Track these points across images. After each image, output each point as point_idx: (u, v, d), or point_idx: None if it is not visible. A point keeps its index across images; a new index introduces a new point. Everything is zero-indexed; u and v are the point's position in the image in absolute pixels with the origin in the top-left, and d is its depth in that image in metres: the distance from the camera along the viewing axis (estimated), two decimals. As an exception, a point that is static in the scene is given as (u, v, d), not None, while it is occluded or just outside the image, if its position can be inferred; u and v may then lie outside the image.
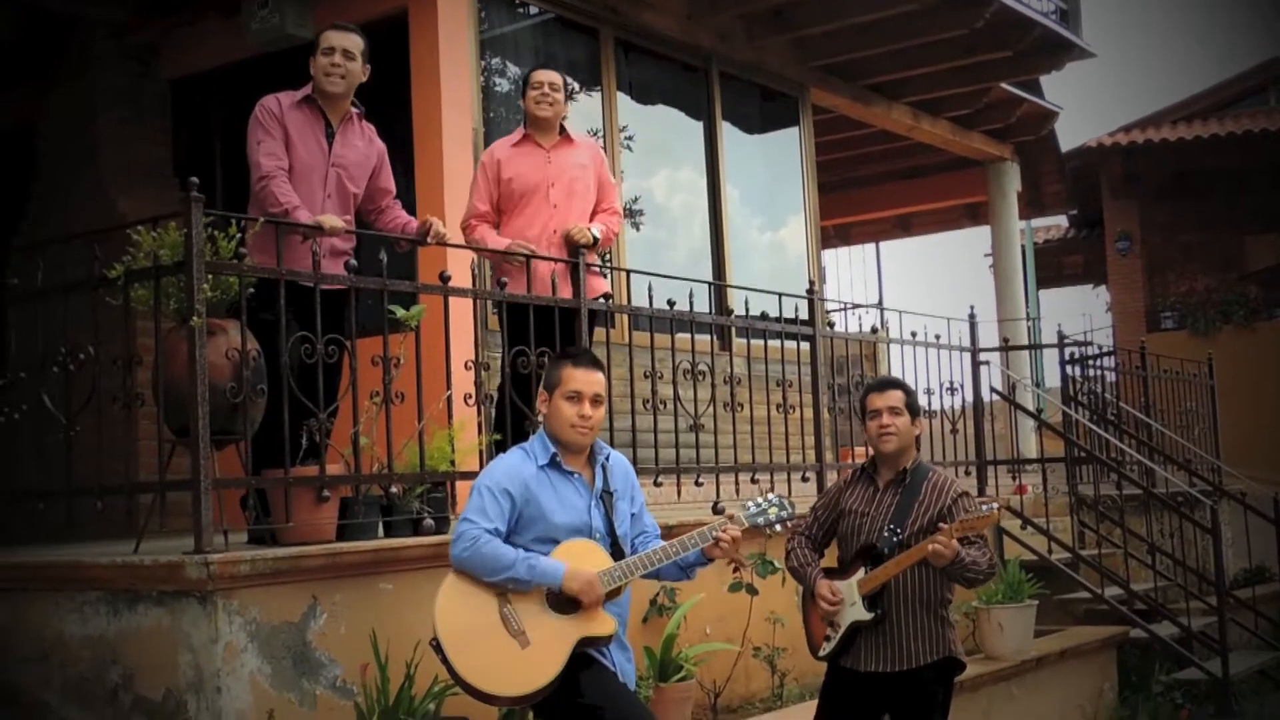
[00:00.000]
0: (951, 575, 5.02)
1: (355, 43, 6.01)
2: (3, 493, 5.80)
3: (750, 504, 4.71)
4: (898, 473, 5.16)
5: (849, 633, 5.04)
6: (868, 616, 5.00)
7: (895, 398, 5.19)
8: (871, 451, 5.28)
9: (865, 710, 5.14)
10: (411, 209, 7.15)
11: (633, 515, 4.67)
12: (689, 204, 10.57)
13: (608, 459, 4.64)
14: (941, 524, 4.96)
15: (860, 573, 5.04)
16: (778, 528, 4.72)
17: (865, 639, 5.04)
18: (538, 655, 4.26)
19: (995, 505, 4.99)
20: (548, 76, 6.78)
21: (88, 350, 5.30)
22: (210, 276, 4.95)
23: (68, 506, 5.38)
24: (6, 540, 6.39)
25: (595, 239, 6.65)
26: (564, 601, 4.33)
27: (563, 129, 6.85)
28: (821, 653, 5.14)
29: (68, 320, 5.41)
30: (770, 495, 4.75)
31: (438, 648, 4.28)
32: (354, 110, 6.10)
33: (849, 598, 5.02)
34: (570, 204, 6.79)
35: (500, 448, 5.64)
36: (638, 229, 9.93)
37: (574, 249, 6.51)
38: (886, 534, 5.04)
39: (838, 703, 5.16)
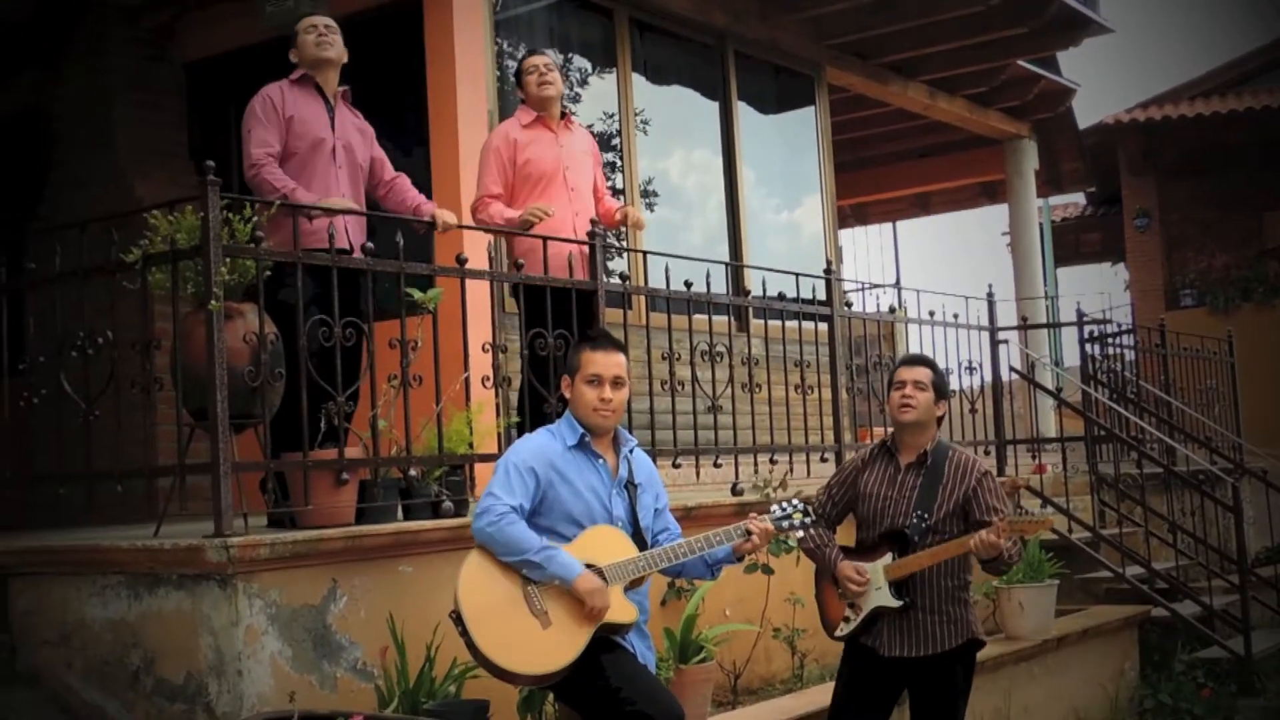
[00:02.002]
0: (986, 565, 5.03)
1: (331, 22, 6.18)
2: (23, 477, 5.80)
3: (776, 508, 4.72)
4: (920, 454, 5.12)
5: (871, 616, 5.03)
6: (895, 604, 4.97)
7: (922, 373, 5.16)
8: (890, 430, 5.25)
9: (885, 688, 5.14)
10: (428, 191, 7.14)
11: (656, 511, 4.67)
12: (704, 185, 10.54)
13: (631, 451, 4.65)
14: (996, 513, 4.95)
15: (888, 557, 5.00)
16: (799, 533, 4.74)
17: (889, 624, 5.01)
18: (558, 636, 4.27)
19: (1049, 512, 4.99)
20: (541, 59, 6.88)
21: (106, 334, 5.31)
22: (227, 260, 4.95)
23: (88, 490, 5.40)
24: (27, 524, 6.40)
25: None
26: (588, 586, 4.33)
27: (564, 111, 6.93)
28: (839, 632, 5.12)
29: (86, 304, 5.41)
30: (795, 500, 4.75)
31: (458, 619, 4.27)
32: (340, 90, 6.19)
33: (874, 581, 5.00)
34: (582, 187, 6.88)
35: (520, 431, 5.64)
36: (652, 210, 9.90)
37: (592, 233, 6.49)
38: (915, 519, 5.00)
39: (857, 681, 5.14)
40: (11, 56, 9.96)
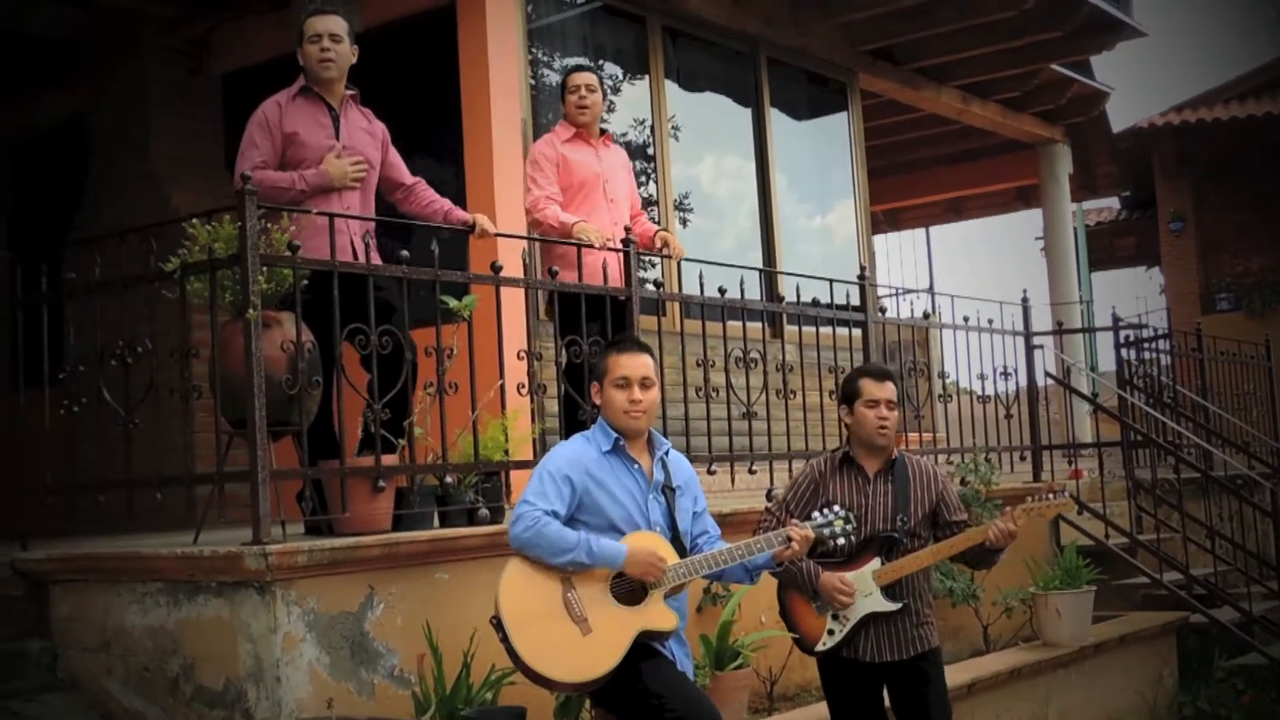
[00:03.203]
0: (984, 559, 5.08)
1: (339, 24, 5.97)
2: (64, 484, 5.85)
3: (817, 514, 4.72)
4: (886, 461, 5.12)
5: (859, 624, 5.00)
6: (891, 607, 4.96)
7: (893, 390, 5.14)
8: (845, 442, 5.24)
9: (873, 694, 5.15)
10: (462, 200, 7.17)
11: (695, 514, 4.68)
12: (737, 191, 10.55)
13: (667, 454, 4.65)
14: (960, 512, 5.06)
15: (875, 562, 4.99)
16: (841, 541, 4.72)
17: (874, 629, 5.00)
18: (598, 643, 4.27)
19: (1065, 493, 4.99)
20: (584, 79, 6.92)
21: (145, 343, 5.35)
22: (264, 269, 4.98)
23: (127, 497, 5.44)
24: (69, 531, 6.46)
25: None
26: (627, 593, 4.35)
27: (602, 129, 7.02)
28: (821, 646, 5.06)
29: (125, 314, 5.46)
30: (836, 508, 4.75)
31: (498, 625, 4.29)
32: (348, 93, 6.07)
33: (862, 588, 4.97)
34: (621, 199, 6.99)
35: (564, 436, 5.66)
36: (685, 225, 9.90)
37: (626, 240, 6.51)
38: (899, 523, 5.01)
39: (848, 695, 5.14)
40: (53, 70, 10.07)
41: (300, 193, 5.70)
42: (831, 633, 5.03)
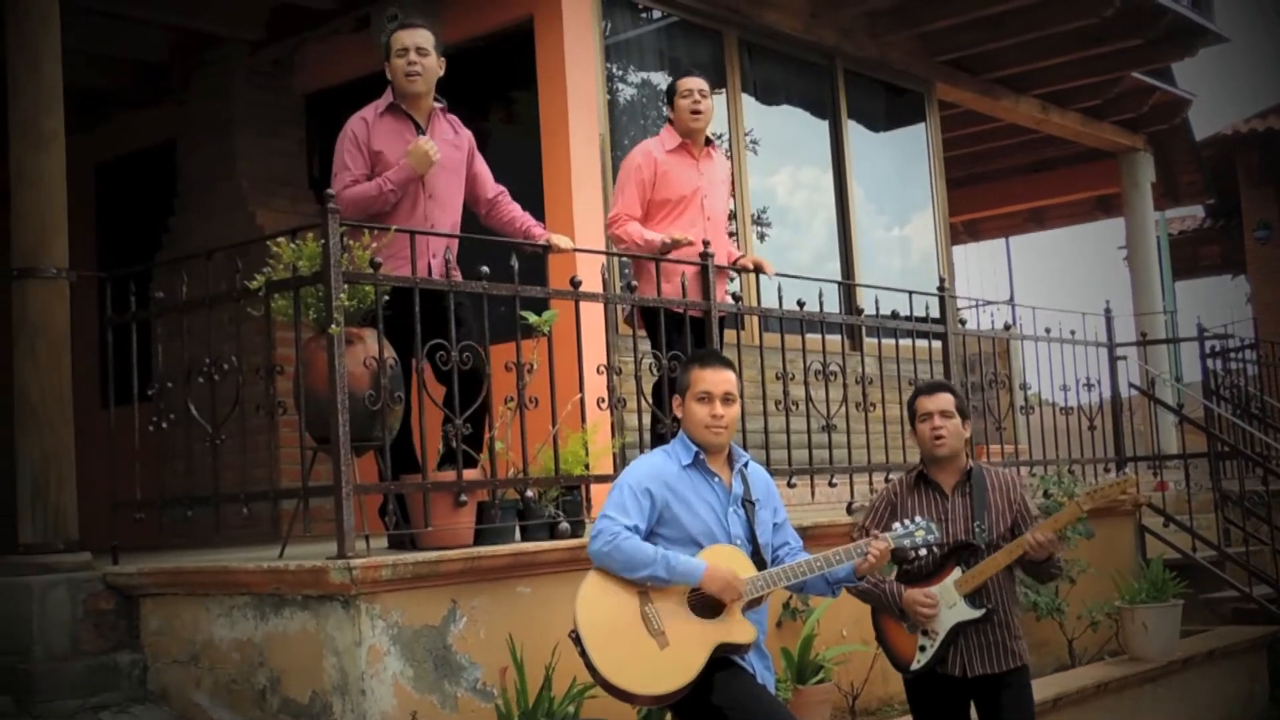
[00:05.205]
0: (1039, 572, 5.04)
1: (426, 38, 5.96)
2: (153, 500, 5.96)
3: (898, 526, 4.70)
4: (961, 475, 5.09)
5: (947, 638, 4.96)
6: (976, 614, 4.91)
7: (945, 400, 5.11)
8: (920, 457, 5.20)
9: (958, 711, 5.10)
10: (540, 215, 7.21)
11: (775, 525, 4.67)
12: (814, 203, 10.52)
13: (745, 466, 4.65)
14: (1037, 521, 4.99)
15: (955, 572, 4.96)
16: (922, 551, 4.69)
17: (965, 642, 4.95)
18: (676, 656, 4.27)
19: (1125, 474, 4.92)
20: (696, 83, 6.71)
21: (231, 360, 5.43)
22: (347, 286, 5.04)
23: (215, 512, 5.52)
24: (158, 546, 6.57)
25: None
26: (705, 605, 4.34)
27: (708, 139, 6.84)
28: (916, 664, 5.01)
29: (211, 331, 5.55)
30: (917, 519, 4.72)
31: (577, 640, 4.30)
32: (437, 105, 6.08)
33: (946, 600, 4.94)
34: (717, 216, 6.83)
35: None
36: (763, 240, 9.90)
37: (705, 254, 6.47)
38: (977, 531, 4.97)
39: (932, 710, 5.10)
40: (141, 93, 10.29)
41: (391, 193, 5.75)
42: (923, 649, 4.99)
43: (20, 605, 5.33)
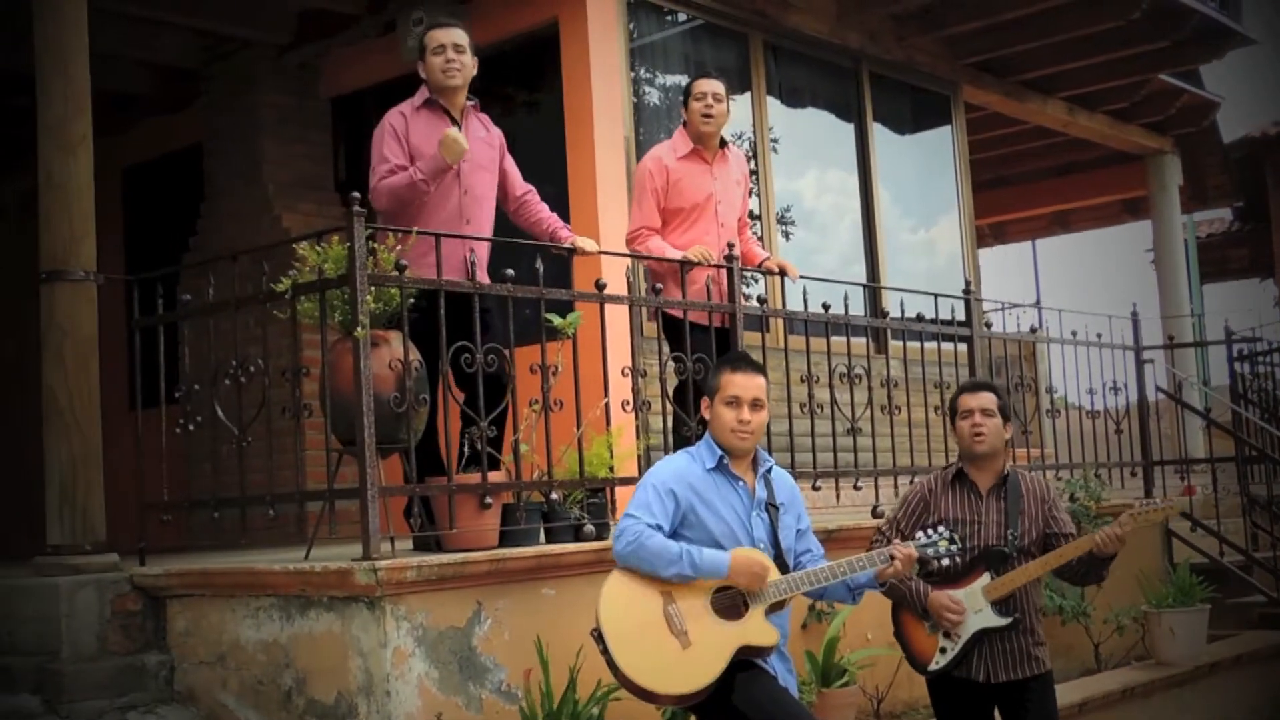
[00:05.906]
0: (1091, 572, 5.01)
1: (461, 36, 6.01)
2: (180, 502, 5.99)
3: (921, 534, 4.70)
4: (999, 476, 5.08)
5: (970, 642, 4.95)
6: (1002, 621, 4.90)
7: (987, 399, 5.11)
8: (957, 456, 5.19)
9: (982, 716, 5.08)
10: (565, 218, 7.21)
11: (798, 532, 4.66)
12: (839, 206, 10.51)
13: (769, 471, 4.64)
14: (1067, 525, 4.98)
15: (985, 578, 4.94)
16: (945, 561, 4.68)
17: (988, 647, 4.94)
18: (698, 657, 4.27)
19: (1171, 502, 4.92)
20: (711, 86, 6.60)
21: (257, 363, 5.45)
22: (373, 288, 5.06)
23: (241, 514, 5.54)
24: (185, 547, 6.60)
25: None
26: (728, 607, 4.34)
27: (722, 140, 6.77)
28: (934, 667, 5.01)
29: (238, 334, 5.57)
30: (940, 528, 4.73)
31: (599, 638, 4.31)
32: (469, 103, 6.11)
33: (972, 605, 4.93)
34: (732, 222, 6.77)
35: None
36: (788, 238, 9.89)
37: (729, 256, 6.46)
38: (1009, 538, 4.96)
39: (956, 715, 5.10)
40: (168, 97, 10.35)
41: (422, 183, 5.77)
42: (944, 651, 4.98)
43: (48, 606, 5.36)
